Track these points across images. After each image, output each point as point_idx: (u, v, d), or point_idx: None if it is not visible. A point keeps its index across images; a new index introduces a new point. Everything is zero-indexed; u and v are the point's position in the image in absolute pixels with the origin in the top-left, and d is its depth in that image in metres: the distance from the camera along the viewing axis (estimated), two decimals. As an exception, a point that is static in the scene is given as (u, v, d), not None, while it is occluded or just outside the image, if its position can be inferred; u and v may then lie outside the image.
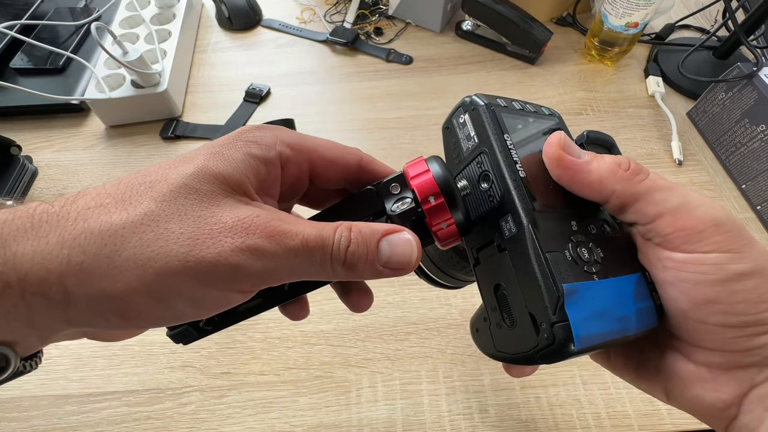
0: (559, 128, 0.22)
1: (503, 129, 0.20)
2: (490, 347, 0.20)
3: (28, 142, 0.55)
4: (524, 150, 0.20)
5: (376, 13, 0.69)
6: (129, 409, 0.37)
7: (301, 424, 0.36)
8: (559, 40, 0.64)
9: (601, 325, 0.17)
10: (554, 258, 0.17)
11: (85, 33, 0.62)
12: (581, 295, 0.17)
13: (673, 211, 0.17)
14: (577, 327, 0.16)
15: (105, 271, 0.13)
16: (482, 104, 0.21)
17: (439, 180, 0.18)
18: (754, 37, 0.59)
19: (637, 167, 0.18)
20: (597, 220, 0.20)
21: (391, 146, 0.53)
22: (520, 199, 0.18)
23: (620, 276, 0.18)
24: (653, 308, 0.18)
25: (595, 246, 0.18)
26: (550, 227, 0.18)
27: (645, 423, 0.35)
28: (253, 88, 0.59)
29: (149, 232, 0.14)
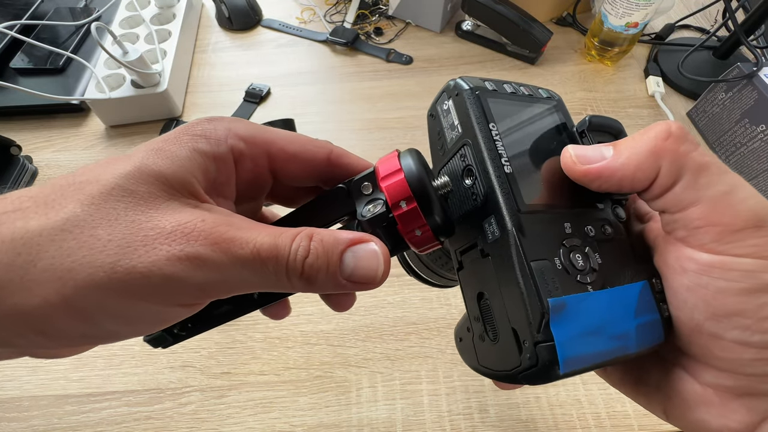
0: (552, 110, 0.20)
1: (489, 117, 0.17)
2: (473, 360, 0.18)
3: (28, 142, 0.55)
4: (513, 140, 0.17)
5: (376, 13, 0.69)
6: (129, 409, 0.37)
7: (301, 424, 0.36)
8: (559, 40, 0.64)
9: (593, 345, 0.15)
10: (541, 267, 0.15)
11: (85, 33, 0.62)
12: (571, 310, 0.14)
13: (712, 199, 0.14)
14: (564, 348, 0.14)
15: (18, 285, 0.12)
16: (467, 88, 0.18)
17: (411, 181, 0.16)
18: (754, 37, 0.59)
19: (682, 133, 0.15)
20: (597, 219, 0.17)
21: (391, 146, 0.53)
22: (504, 198, 0.16)
23: (621, 285, 0.16)
24: (659, 322, 0.16)
25: (592, 251, 0.16)
26: (539, 231, 0.16)
27: (645, 423, 0.35)
28: (253, 88, 0.59)
29: (71, 240, 0.12)
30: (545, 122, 0.19)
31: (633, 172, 0.15)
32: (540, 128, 0.19)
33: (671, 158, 0.15)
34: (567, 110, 0.20)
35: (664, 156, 0.15)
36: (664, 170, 0.15)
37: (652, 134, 0.15)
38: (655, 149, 0.15)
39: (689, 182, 0.15)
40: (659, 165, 0.15)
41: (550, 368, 0.14)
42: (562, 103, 0.20)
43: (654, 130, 0.15)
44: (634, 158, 0.15)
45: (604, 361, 0.15)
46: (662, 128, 0.15)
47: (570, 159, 0.17)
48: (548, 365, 0.14)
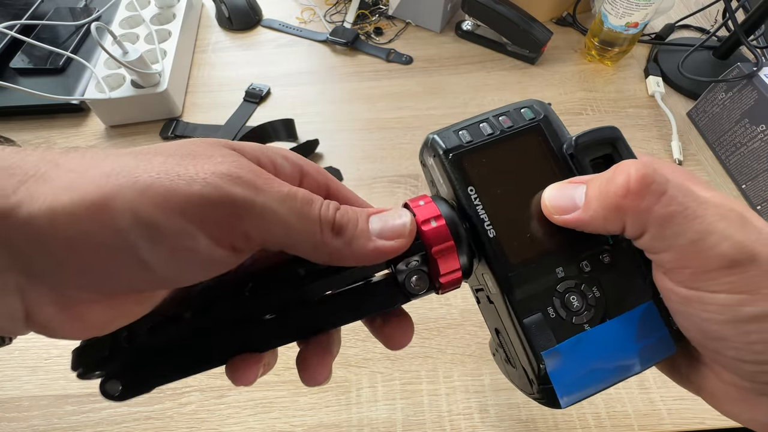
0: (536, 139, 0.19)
1: (467, 181, 0.18)
2: (505, 374, 0.21)
3: (28, 142, 0.55)
4: (495, 197, 0.18)
5: (376, 13, 0.69)
6: (129, 409, 0.37)
7: (301, 423, 0.36)
8: (559, 40, 0.64)
9: (592, 378, 0.16)
10: (533, 322, 0.16)
11: (85, 33, 0.62)
12: (566, 355, 0.16)
13: (681, 248, 0.15)
14: (563, 388, 0.16)
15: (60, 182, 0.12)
16: (442, 152, 0.18)
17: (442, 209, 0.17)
18: (754, 37, 0.59)
19: (640, 188, 0.15)
20: (594, 249, 0.17)
21: (391, 146, 0.53)
22: (492, 263, 0.17)
23: (622, 313, 0.17)
24: (668, 336, 0.17)
25: (588, 286, 0.17)
26: (530, 284, 0.17)
27: (645, 423, 0.35)
28: (253, 88, 0.59)
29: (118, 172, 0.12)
30: (528, 158, 0.18)
31: (603, 225, 0.16)
32: (523, 168, 0.18)
33: (633, 215, 0.15)
34: (556, 123, 0.19)
35: (626, 213, 0.15)
36: (629, 225, 0.15)
37: (612, 190, 0.15)
38: (617, 206, 0.15)
39: (655, 235, 0.15)
40: (624, 220, 0.15)
41: (554, 403, 0.16)
42: (549, 118, 0.19)
43: (615, 183, 0.15)
44: (601, 212, 0.16)
45: (607, 386, 0.16)
46: (620, 182, 0.15)
47: (546, 208, 0.17)
48: (552, 402, 0.16)
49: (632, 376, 0.17)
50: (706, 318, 0.15)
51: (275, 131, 0.54)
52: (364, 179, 0.51)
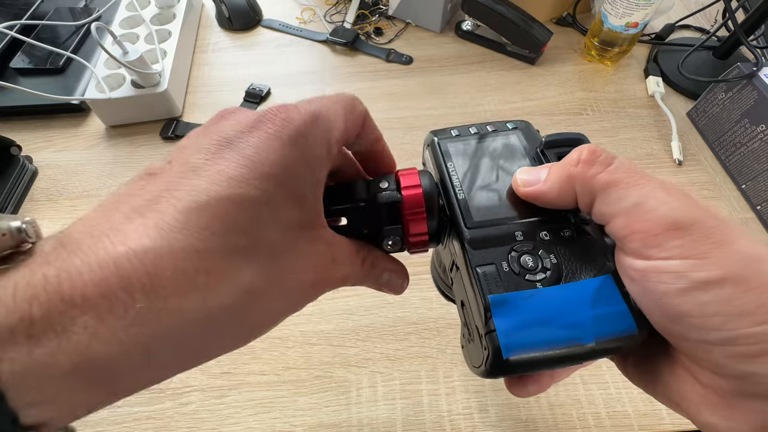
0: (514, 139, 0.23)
1: (446, 158, 0.22)
2: (467, 360, 0.21)
3: (28, 142, 0.55)
4: (469, 172, 0.21)
5: (376, 14, 0.69)
6: (129, 409, 0.37)
7: (301, 423, 0.36)
8: (559, 40, 0.64)
9: (539, 333, 0.16)
10: (486, 271, 0.17)
11: (85, 33, 0.63)
12: (514, 305, 0.16)
13: (626, 211, 0.16)
14: (506, 335, 0.16)
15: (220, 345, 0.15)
16: (433, 140, 0.23)
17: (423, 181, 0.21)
18: (754, 37, 0.59)
19: (591, 157, 0.17)
20: (555, 224, 0.19)
21: (391, 146, 0.53)
22: (456, 219, 0.19)
23: (578, 281, 0.17)
24: (627, 312, 0.16)
25: (546, 252, 0.18)
26: (488, 240, 0.19)
27: (645, 423, 0.35)
28: (254, 88, 0.59)
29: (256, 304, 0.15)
30: (505, 149, 0.22)
31: (557, 196, 0.18)
32: (498, 155, 0.22)
33: (580, 182, 0.17)
34: (533, 133, 0.23)
35: (575, 181, 0.17)
36: (579, 193, 0.17)
37: (566, 161, 0.17)
38: (568, 176, 0.17)
39: (602, 200, 0.16)
40: (574, 189, 0.17)
41: (498, 353, 0.16)
42: (528, 129, 0.23)
43: (569, 157, 0.17)
44: (556, 183, 0.18)
45: (555, 348, 0.16)
46: (574, 156, 0.17)
47: (515, 182, 0.20)
48: (496, 351, 0.16)
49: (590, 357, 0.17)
50: (664, 291, 0.15)
51: (275, 131, 0.54)
52: (364, 179, 0.51)
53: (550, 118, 0.56)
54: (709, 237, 0.14)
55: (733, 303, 0.14)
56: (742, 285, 0.14)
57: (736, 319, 0.14)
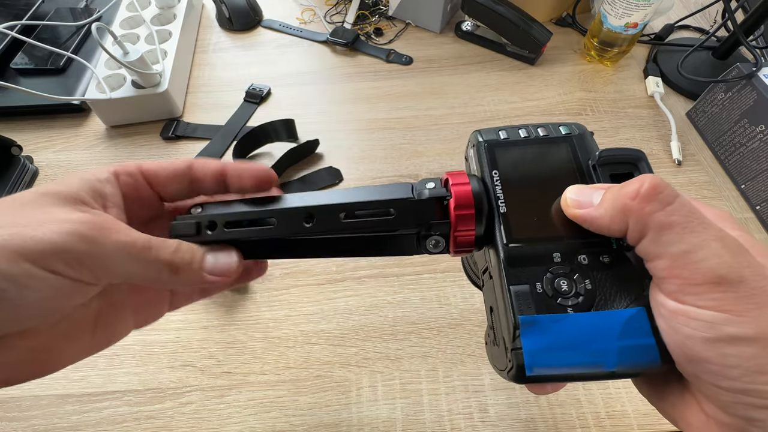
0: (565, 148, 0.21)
1: (493, 165, 0.21)
2: (490, 359, 0.22)
3: (29, 142, 0.55)
4: (514, 184, 0.20)
5: (376, 14, 0.69)
6: (130, 408, 0.37)
7: (301, 423, 0.36)
8: (559, 41, 0.65)
9: (564, 357, 0.17)
10: (519, 291, 0.18)
11: (86, 33, 0.63)
12: (543, 327, 0.17)
13: (673, 255, 0.15)
14: (531, 355, 0.17)
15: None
16: (480, 141, 0.22)
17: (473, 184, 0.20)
18: (754, 38, 0.59)
19: (651, 193, 0.16)
20: (595, 248, 0.19)
21: (391, 146, 0.53)
22: (496, 233, 0.19)
23: (611, 309, 0.17)
24: (654, 346, 0.17)
25: (582, 277, 0.18)
26: (526, 259, 0.18)
27: (644, 423, 0.35)
28: (254, 88, 0.60)
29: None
30: (554, 161, 0.21)
31: (608, 224, 0.17)
32: (546, 168, 0.21)
33: (636, 217, 0.16)
34: (587, 141, 0.21)
35: (630, 214, 0.16)
36: (631, 227, 0.17)
37: (624, 191, 0.17)
38: (624, 207, 0.16)
39: (653, 239, 0.16)
40: (627, 221, 0.17)
41: (521, 370, 0.17)
42: (583, 136, 0.21)
43: (628, 188, 0.17)
44: (609, 211, 0.17)
45: (576, 372, 0.17)
46: (633, 187, 0.16)
47: (565, 202, 0.19)
48: (520, 367, 0.17)
49: (609, 377, 0.17)
50: (689, 335, 0.15)
51: (275, 131, 0.54)
52: (364, 179, 0.51)
53: (550, 118, 0.56)
54: (752, 297, 0.14)
55: (755, 361, 0.14)
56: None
57: (755, 375, 0.14)
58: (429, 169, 0.51)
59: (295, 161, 0.53)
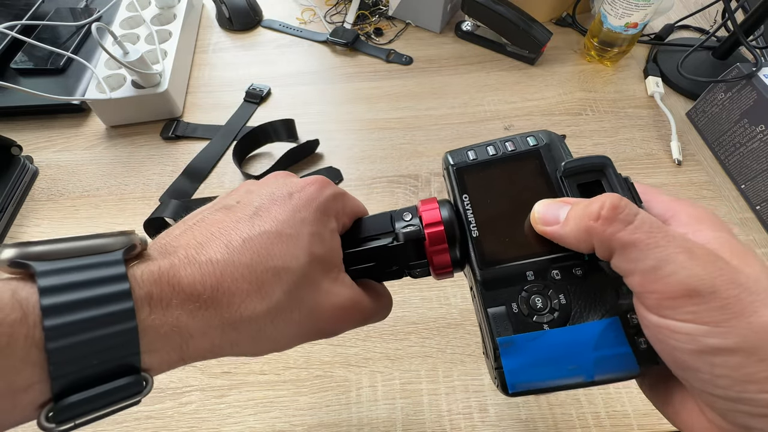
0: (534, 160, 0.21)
1: (463, 189, 0.22)
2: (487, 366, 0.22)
3: (29, 142, 0.55)
4: (484, 206, 0.21)
5: (376, 14, 0.69)
6: (129, 408, 0.37)
7: (301, 423, 0.36)
8: (559, 41, 0.65)
9: (543, 372, 0.17)
10: (497, 313, 0.19)
11: (86, 33, 0.63)
12: (520, 347, 0.18)
13: (643, 272, 0.16)
14: (512, 374, 0.18)
15: (249, 341, 0.18)
16: (450, 164, 0.22)
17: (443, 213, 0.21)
18: (754, 38, 0.59)
19: (611, 213, 0.16)
20: (567, 263, 0.19)
21: (391, 146, 0.53)
22: (471, 259, 0.20)
23: (585, 322, 0.18)
24: (631, 355, 0.17)
25: (555, 292, 0.18)
26: (500, 281, 0.19)
27: (644, 423, 0.35)
28: (254, 88, 0.60)
29: (280, 321, 0.18)
30: (523, 177, 0.21)
31: (575, 244, 0.18)
32: (515, 184, 0.21)
33: (599, 239, 0.17)
34: (556, 150, 0.21)
35: (594, 236, 0.17)
36: (597, 247, 0.17)
37: (587, 212, 0.17)
38: (588, 229, 0.17)
39: (620, 258, 0.16)
40: (592, 242, 0.17)
41: (504, 387, 0.18)
42: (551, 146, 0.21)
43: (589, 208, 0.17)
44: (574, 231, 0.18)
45: (557, 385, 0.18)
46: (594, 208, 0.17)
47: (533, 217, 0.19)
48: (503, 384, 0.18)
49: (590, 385, 0.17)
50: (676, 346, 0.15)
51: (275, 131, 0.54)
52: (364, 179, 0.51)
53: (550, 118, 0.56)
54: (727, 307, 0.14)
55: (742, 370, 0.14)
56: (754, 355, 0.14)
57: (744, 384, 0.14)
58: (429, 169, 0.50)
59: (295, 161, 0.53)
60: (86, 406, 0.14)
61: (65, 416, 0.14)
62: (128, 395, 0.15)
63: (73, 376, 0.14)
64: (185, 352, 0.16)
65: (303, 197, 0.20)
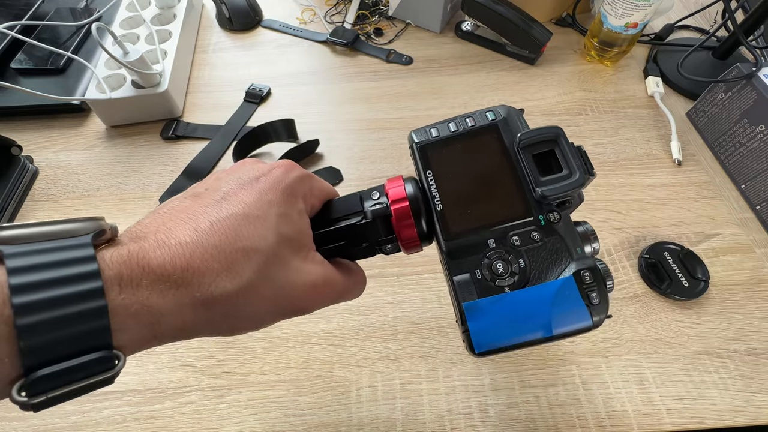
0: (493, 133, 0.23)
1: (426, 166, 0.23)
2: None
3: (29, 142, 0.55)
4: (447, 181, 0.22)
5: (376, 14, 0.69)
6: (130, 408, 0.37)
7: (301, 423, 0.36)
8: (559, 41, 0.65)
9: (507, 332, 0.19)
10: (461, 280, 0.20)
11: (86, 33, 0.63)
12: (484, 309, 0.19)
13: None
14: (477, 336, 0.19)
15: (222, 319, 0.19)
16: (414, 142, 0.24)
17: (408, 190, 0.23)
18: (754, 38, 0.59)
19: None
20: (525, 228, 0.20)
21: (391, 146, 0.53)
22: (436, 231, 0.21)
23: (543, 282, 0.19)
24: (585, 310, 0.19)
25: (515, 257, 0.20)
26: (464, 250, 0.20)
27: (644, 423, 0.35)
28: (254, 88, 0.60)
29: (252, 298, 0.19)
30: (482, 150, 0.23)
31: None
32: (475, 158, 0.23)
33: None
34: (514, 123, 0.23)
35: None
36: None
37: None
38: None
39: None
40: None
41: (472, 348, 0.19)
42: (508, 119, 0.23)
43: None
44: None
45: (520, 341, 0.19)
46: None
47: None
48: (470, 346, 0.19)
49: (549, 341, 0.19)
50: None
51: (275, 131, 0.54)
52: (364, 179, 0.51)
53: (550, 118, 0.56)
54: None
55: None
56: None
57: None
58: (429, 169, 0.50)
59: (295, 161, 0.52)
60: (57, 380, 0.14)
61: (37, 389, 0.14)
62: (99, 370, 0.15)
63: (43, 351, 0.14)
64: (157, 330, 0.17)
65: (269, 180, 0.21)
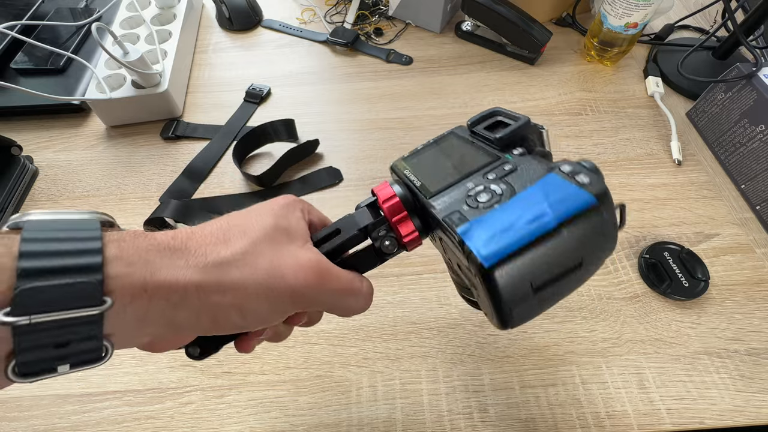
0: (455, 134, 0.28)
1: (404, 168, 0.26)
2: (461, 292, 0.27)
3: (29, 142, 0.55)
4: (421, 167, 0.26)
5: (376, 14, 0.69)
6: (130, 408, 0.37)
7: (301, 423, 0.36)
8: (559, 41, 0.65)
9: (508, 235, 0.18)
10: (452, 216, 0.20)
11: (86, 33, 0.63)
12: (478, 227, 0.19)
13: None
14: (479, 249, 0.18)
15: (216, 288, 0.19)
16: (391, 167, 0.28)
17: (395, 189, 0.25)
18: (754, 38, 0.59)
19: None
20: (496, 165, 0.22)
21: (391, 146, 0.53)
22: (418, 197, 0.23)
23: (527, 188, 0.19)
24: (578, 189, 0.18)
25: (496, 185, 0.21)
26: (448, 198, 0.22)
27: (644, 423, 0.35)
28: (254, 88, 0.60)
29: (245, 265, 0.20)
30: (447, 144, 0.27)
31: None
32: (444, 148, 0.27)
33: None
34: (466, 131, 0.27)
35: None
36: None
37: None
38: None
39: None
40: None
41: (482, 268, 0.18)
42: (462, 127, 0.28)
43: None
44: None
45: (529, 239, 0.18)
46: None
47: None
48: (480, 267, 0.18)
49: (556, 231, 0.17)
50: None
51: (275, 131, 0.54)
52: (364, 179, 0.51)
53: (550, 118, 0.56)
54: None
55: None
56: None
57: None
58: (429, 169, 0.51)
59: (295, 161, 0.53)
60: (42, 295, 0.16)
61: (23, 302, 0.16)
62: (86, 304, 0.16)
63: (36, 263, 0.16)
64: (149, 281, 0.18)
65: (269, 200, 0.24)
